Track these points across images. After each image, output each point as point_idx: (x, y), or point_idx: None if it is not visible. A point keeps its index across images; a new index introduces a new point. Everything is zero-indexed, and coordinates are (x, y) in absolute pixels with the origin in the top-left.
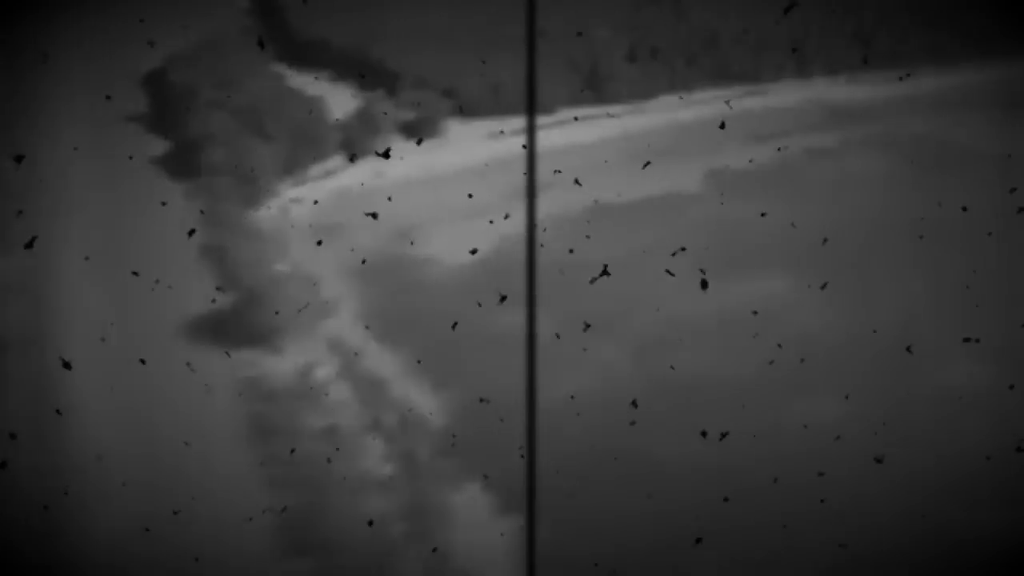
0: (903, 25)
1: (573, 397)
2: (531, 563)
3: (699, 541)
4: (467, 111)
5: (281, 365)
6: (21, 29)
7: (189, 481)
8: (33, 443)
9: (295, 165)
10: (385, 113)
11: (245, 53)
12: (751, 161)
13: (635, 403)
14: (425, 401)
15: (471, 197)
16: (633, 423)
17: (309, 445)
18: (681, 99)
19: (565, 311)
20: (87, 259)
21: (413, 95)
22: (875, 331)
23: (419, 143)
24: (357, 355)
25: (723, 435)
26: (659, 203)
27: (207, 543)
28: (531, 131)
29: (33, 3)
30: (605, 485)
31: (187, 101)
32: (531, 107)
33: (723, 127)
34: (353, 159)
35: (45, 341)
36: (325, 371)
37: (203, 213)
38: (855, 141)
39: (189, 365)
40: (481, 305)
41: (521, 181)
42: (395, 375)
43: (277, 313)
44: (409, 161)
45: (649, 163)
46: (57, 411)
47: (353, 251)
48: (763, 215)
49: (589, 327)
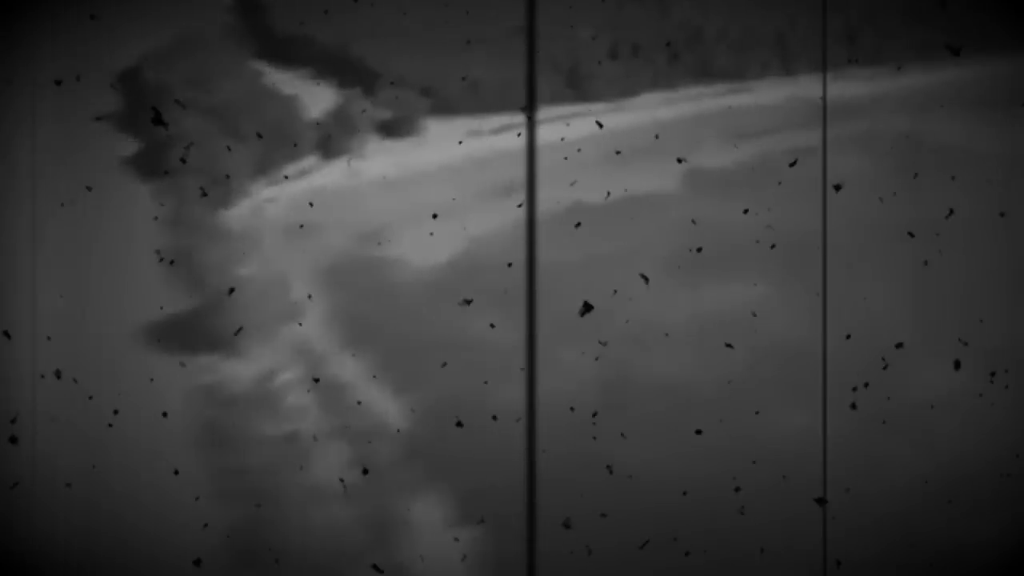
0: (890, 22)
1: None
2: (531, 563)
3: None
4: (445, 109)
5: (241, 370)
6: None
7: (137, 488)
8: None
9: (269, 164)
10: (364, 111)
11: (224, 50)
12: (733, 160)
13: (595, 414)
14: (388, 407)
15: (454, 200)
16: (595, 437)
17: (264, 453)
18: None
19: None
20: (42, 258)
21: (391, 93)
22: (848, 336)
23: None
24: (321, 359)
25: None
26: (639, 203)
27: (154, 550)
28: (531, 128)
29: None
30: (566, 490)
31: (160, 99)
32: (531, 103)
33: (709, 125)
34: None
35: None
36: (286, 376)
37: (170, 214)
38: (840, 139)
39: (144, 370)
40: (456, 306)
41: (499, 180)
42: (358, 380)
43: (239, 330)
44: (385, 160)
45: (625, 160)
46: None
47: (324, 253)
48: (745, 211)
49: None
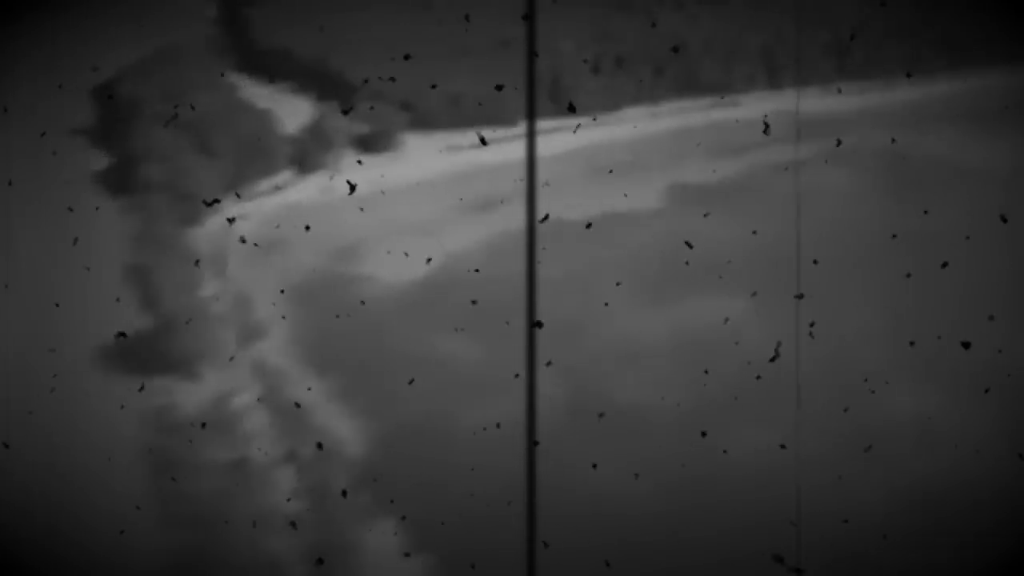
0: (879, 36)
1: (499, 425)
2: (531, 564)
3: None
4: (424, 124)
5: (195, 393)
6: None
7: (87, 513)
8: None
9: (241, 180)
10: (346, 112)
11: (202, 63)
12: (715, 172)
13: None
14: (345, 431)
15: (431, 215)
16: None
17: (214, 479)
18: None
19: (504, 335)
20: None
21: (369, 107)
22: (827, 356)
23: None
24: (279, 381)
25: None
26: (618, 219)
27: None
28: (531, 136)
29: None
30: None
31: (134, 113)
32: (531, 112)
33: (692, 140)
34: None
35: None
36: (242, 399)
37: (136, 231)
38: (825, 154)
39: (100, 392)
40: (425, 323)
41: (475, 196)
42: (317, 403)
43: (197, 352)
44: (361, 176)
45: (607, 175)
46: None
47: (294, 271)
48: (729, 226)
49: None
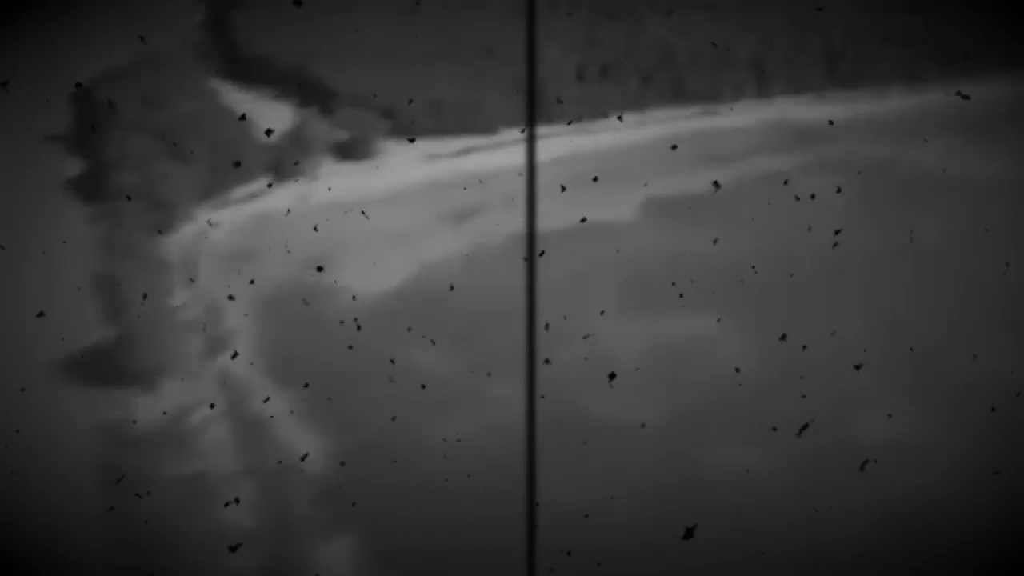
0: (871, 45)
1: (459, 439)
2: (531, 564)
3: None
4: (404, 131)
5: (154, 406)
6: None
7: (33, 528)
8: None
9: (216, 187)
10: (332, 112)
11: (184, 68)
12: (702, 185)
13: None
14: (308, 444)
15: (408, 224)
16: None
17: (168, 494)
18: (628, 120)
19: (477, 348)
20: None
21: (349, 114)
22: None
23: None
24: (244, 394)
25: None
26: (600, 229)
27: None
28: (531, 140)
29: None
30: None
31: (109, 117)
32: (531, 117)
33: (675, 148)
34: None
35: None
36: (201, 413)
37: (105, 239)
38: (813, 164)
39: (53, 402)
40: (397, 336)
41: (452, 206)
42: (279, 416)
43: (159, 364)
44: (338, 183)
45: (589, 184)
46: None
47: (266, 280)
48: (714, 240)
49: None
